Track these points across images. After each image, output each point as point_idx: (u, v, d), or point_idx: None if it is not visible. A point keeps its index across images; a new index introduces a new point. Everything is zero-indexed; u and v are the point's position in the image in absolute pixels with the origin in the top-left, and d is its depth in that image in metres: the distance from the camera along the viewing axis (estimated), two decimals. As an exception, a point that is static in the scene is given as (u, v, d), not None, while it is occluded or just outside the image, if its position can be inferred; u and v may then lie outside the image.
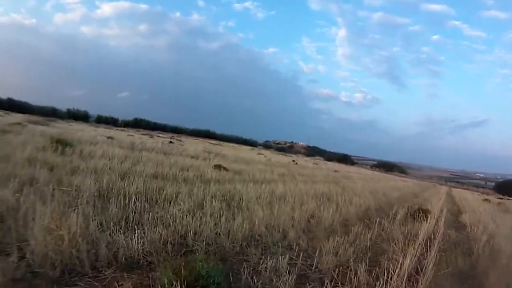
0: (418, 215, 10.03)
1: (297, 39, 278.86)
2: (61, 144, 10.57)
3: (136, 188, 6.45)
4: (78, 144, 13.13)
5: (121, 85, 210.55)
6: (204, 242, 4.35)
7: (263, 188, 8.89)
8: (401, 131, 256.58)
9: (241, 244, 4.65)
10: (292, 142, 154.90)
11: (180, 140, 38.31)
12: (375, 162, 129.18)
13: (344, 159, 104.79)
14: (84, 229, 3.61)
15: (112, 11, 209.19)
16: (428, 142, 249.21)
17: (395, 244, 5.82)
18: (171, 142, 29.34)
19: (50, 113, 61.74)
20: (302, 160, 48.41)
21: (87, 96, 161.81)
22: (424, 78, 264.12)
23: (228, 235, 4.69)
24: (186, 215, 4.91)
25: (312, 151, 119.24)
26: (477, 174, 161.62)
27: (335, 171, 29.49)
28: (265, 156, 33.84)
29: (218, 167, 12.49)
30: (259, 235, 5.14)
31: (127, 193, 5.84)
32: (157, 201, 6.09)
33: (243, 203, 6.90)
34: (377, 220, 7.30)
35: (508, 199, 38.92)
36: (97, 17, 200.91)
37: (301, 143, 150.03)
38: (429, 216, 8.74)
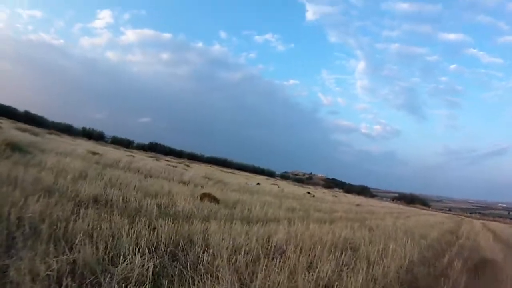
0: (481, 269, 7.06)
1: (317, 72, 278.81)
2: (12, 148, 9.53)
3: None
4: (39, 152, 11.42)
5: (142, 110, 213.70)
6: None
7: (254, 230, 5.88)
8: (420, 162, 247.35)
9: None
10: (311, 173, 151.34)
11: (189, 166, 35.77)
12: (396, 194, 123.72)
13: (363, 191, 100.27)
14: None
15: (136, 38, 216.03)
16: (448, 172, 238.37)
17: None
18: (174, 166, 26.86)
19: (65, 129, 62.61)
20: (320, 192, 44.70)
21: (108, 119, 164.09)
22: (442, 108, 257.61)
23: None
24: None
25: (331, 183, 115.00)
26: (499, 204, 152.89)
27: (357, 204, 25.93)
28: (278, 187, 30.71)
29: (206, 196, 9.56)
30: None
31: None
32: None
33: (203, 260, 3.94)
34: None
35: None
36: (122, 43, 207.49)
37: (320, 175, 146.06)
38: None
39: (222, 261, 4.08)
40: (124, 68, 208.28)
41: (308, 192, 28.86)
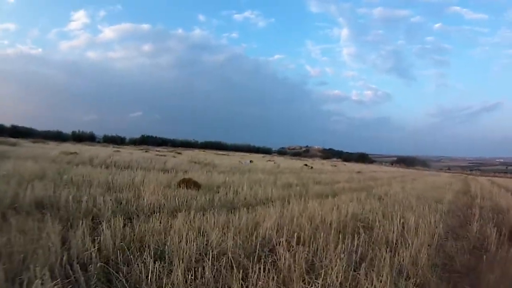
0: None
1: (301, 44, 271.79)
2: None
3: None
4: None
5: (132, 105, 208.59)
6: None
7: (236, 220, 4.48)
8: (415, 124, 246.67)
9: None
10: (307, 146, 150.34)
11: (180, 153, 34.29)
12: (394, 158, 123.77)
13: (362, 158, 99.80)
14: None
15: (115, 34, 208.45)
16: (443, 132, 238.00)
17: None
18: (163, 155, 25.39)
19: (54, 136, 62.29)
20: (319, 163, 43.51)
21: (100, 119, 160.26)
22: (431, 68, 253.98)
23: None
24: None
25: (328, 154, 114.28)
26: (497, 160, 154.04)
27: (358, 172, 24.72)
28: (274, 163, 29.42)
29: (186, 182, 8.17)
30: None
31: None
32: None
33: (151, 276, 2.59)
34: None
35: None
36: (101, 41, 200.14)
37: (316, 147, 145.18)
38: None
39: (177, 276, 2.71)
40: (108, 66, 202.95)
41: (306, 165, 27.58)
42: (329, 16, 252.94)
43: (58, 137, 63.24)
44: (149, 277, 2.76)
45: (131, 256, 3.15)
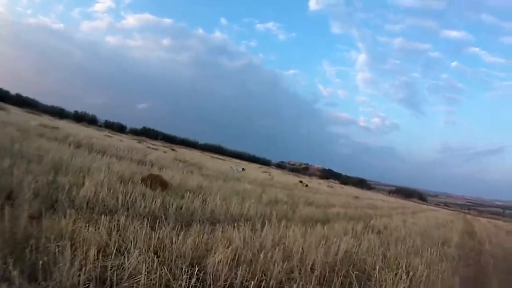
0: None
1: (317, 62, 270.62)
2: None
3: None
4: None
5: (141, 96, 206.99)
6: None
7: (176, 241, 3.11)
8: (417, 158, 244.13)
9: None
10: (307, 164, 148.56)
11: (174, 150, 32.93)
12: (392, 188, 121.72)
13: (360, 183, 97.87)
14: None
15: (136, 23, 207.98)
16: (444, 168, 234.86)
17: None
18: (155, 149, 24.09)
19: (57, 113, 61.47)
20: (316, 182, 41.92)
21: (107, 104, 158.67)
22: (442, 105, 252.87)
23: None
24: None
25: (327, 174, 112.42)
26: (495, 202, 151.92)
27: (356, 197, 23.23)
28: (269, 175, 27.97)
29: (152, 178, 6.84)
30: None
31: None
32: None
33: None
34: None
35: None
36: (122, 28, 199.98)
37: (316, 166, 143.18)
38: None
39: None
40: (125, 53, 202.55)
41: (301, 181, 26.02)
42: (350, 39, 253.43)
43: (60, 113, 62.24)
44: None
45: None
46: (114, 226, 3.16)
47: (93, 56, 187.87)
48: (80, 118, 68.03)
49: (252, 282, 2.64)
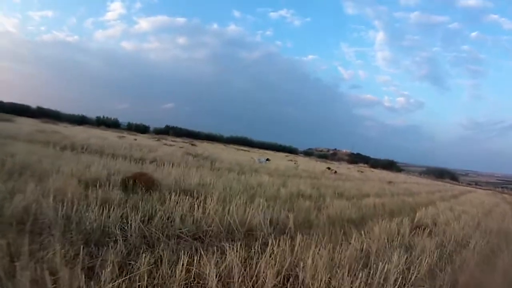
0: None
1: (335, 45, 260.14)
2: None
3: None
4: None
5: (165, 96, 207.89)
6: None
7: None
8: (445, 136, 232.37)
9: None
10: (335, 149, 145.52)
11: (194, 145, 31.94)
12: (423, 169, 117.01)
13: (390, 165, 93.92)
14: None
15: (150, 26, 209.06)
16: (472, 145, 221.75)
17: None
18: (170, 145, 23.08)
19: (78, 121, 62.21)
20: (345, 167, 39.79)
21: (132, 108, 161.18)
22: (466, 78, 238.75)
23: None
24: None
25: (355, 158, 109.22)
26: None
27: (389, 182, 21.29)
28: (294, 163, 26.42)
29: (137, 178, 5.55)
30: None
31: None
32: None
33: None
34: None
35: None
36: (136, 32, 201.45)
37: (344, 150, 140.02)
38: None
39: None
40: (142, 57, 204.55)
41: (329, 168, 24.24)
42: (365, 18, 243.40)
43: (80, 121, 62.90)
44: None
45: None
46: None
47: (111, 63, 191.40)
48: (103, 123, 68.88)
49: None
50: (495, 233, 7.01)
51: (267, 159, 21.89)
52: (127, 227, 3.45)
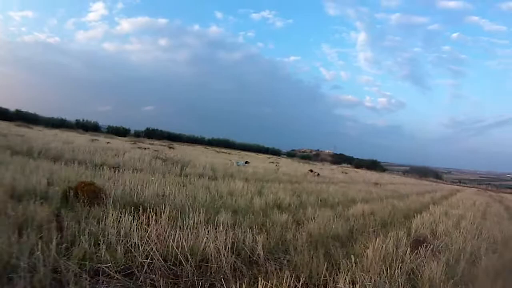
0: None
1: (317, 46, 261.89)
2: None
3: None
4: None
5: (146, 99, 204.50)
6: None
7: None
8: (426, 134, 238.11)
9: None
10: (318, 150, 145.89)
11: (173, 148, 30.56)
12: (406, 168, 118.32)
13: (373, 165, 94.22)
14: None
15: (131, 27, 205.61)
16: (454, 144, 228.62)
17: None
18: (144, 148, 21.71)
19: (58, 124, 59.56)
20: (328, 169, 38.89)
21: (114, 110, 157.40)
22: (447, 78, 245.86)
23: None
24: None
25: (339, 159, 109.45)
26: (507, 175, 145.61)
27: (375, 183, 20.50)
28: (276, 165, 25.43)
29: (80, 189, 4.38)
30: None
31: None
32: None
33: None
34: None
35: None
36: (118, 33, 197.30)
37: (327, 151, 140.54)
38: None
39: None
40: (123, 58, 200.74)
41: (311, 170, 23.29)
42: (347, 19, 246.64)
43: (61, 124, 59.99)
44: None
45: None
46: None
47: (93, 65, 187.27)
48: (83, 126, 66.63)
49: None
50: (501, 242, 6.15)
51: (246, 162, 20.76)
52: (38, 258, 2.39)
